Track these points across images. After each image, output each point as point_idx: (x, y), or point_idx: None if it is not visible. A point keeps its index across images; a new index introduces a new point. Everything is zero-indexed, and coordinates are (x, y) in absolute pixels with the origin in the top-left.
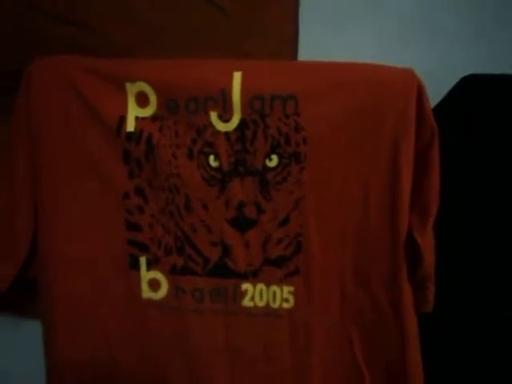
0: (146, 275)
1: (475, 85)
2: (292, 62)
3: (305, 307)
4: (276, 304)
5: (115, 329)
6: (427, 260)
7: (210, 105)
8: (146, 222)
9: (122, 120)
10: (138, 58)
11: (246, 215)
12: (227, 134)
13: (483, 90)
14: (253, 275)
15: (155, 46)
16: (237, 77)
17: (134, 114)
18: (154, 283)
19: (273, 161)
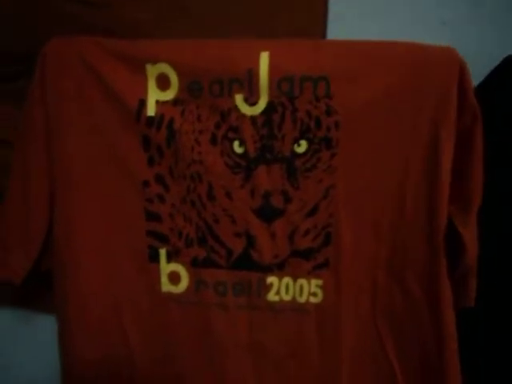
0: (166, 268)
1: None
2: (323, 41)
3: (334, 302)
4: (303, 298)
5: (133, 323)
6: (470, 252)
7: (236, 87)
8: (167, 212)
9: (142, 104)
10: (158, 39)
11: (273, 205)
12: (253, 118)
13: None
14: (278, 268)
15: (174, 26)
16: (264, 57)
17: (155, 98)
18: (174, 276)
19: (302, 146)
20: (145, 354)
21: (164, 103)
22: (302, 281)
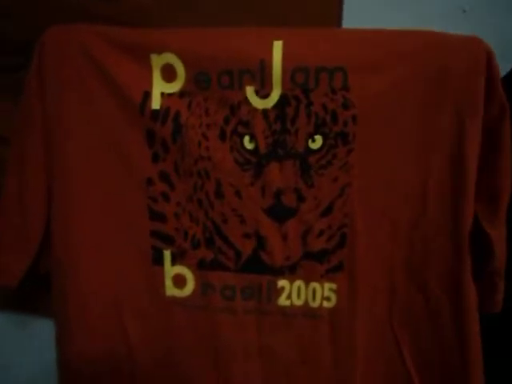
0: (171, 270)
1: None
2: (339, 30)
3: (348, 307)
4: (316, 303)
5: (135, 327)
6: (498, 253)
7: (246, 78)
8: (172, 211)
9: (147, 96)
10: (164, 28)
11: (285, 204)
12: (265, 112)
13: None
14: (290, 271)
15: (180, 14)
16: (277, 46)
17: (160, 90)
18: (179, 279)
19: (316, 142)
20: (147, 360)
21: (170, 95)
22: (315, 284)
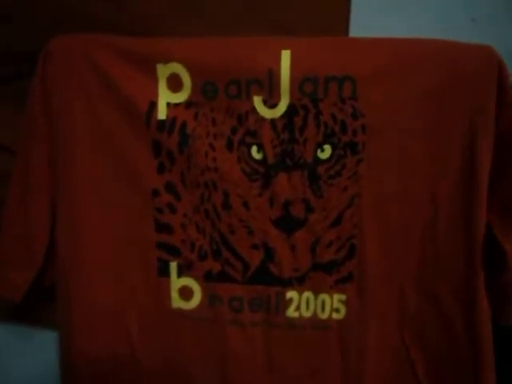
0: (177, 282)
1: None
2: (347, 38)
3: (358, 318)
4: (325, 315)
5: (140, 340)
6: None
7: (254, 88)
8: (178, 223)
9: (152, 106)
10: (170, 37)
11: (293, 214)
12: (273, 122)
13: None
14: (299, 282)
15: (187, 22)
16: (285, 55)
17: (166, 100)
18: (186, 291)
19: (325, 152)
20: (152, 371)
21: (176, 106)
22: (324, 296)
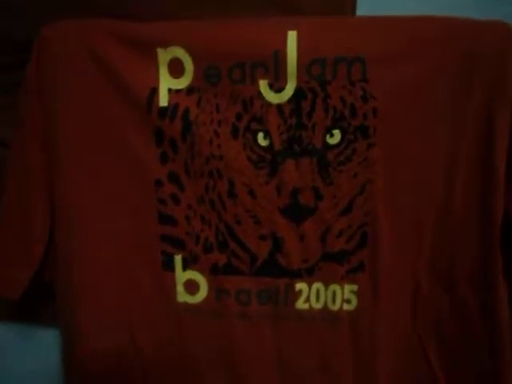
0: (182, 276)
1: None
2: (356, 18)
3: (370, 309)
4: (336, 306)
5: (146, 338)
6: None
7: (259, 71)
8: (182, 214)
9: (153, 93)
10: (169, 20)
11: (302, 203)
12: (279, 107)
13: None
14: (308, 273)
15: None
16: (292, 36)
17: (167, 86)
18: (192, 285)
19: (335, 137)
20: (157, 367)
21: (178, 92)
22: (335, 286)
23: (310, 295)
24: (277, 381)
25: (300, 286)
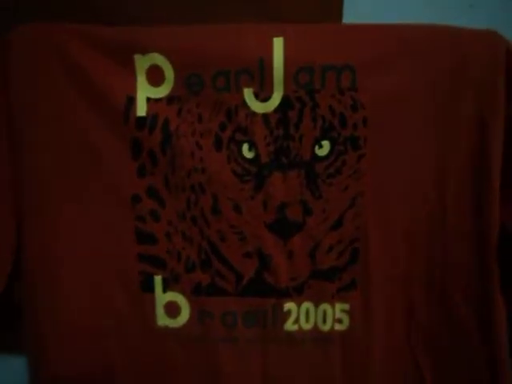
0: (163, 298)
1: None
2: (346, 25)
3: (362, 329)
4: (326, 326)
5: (123, 364)
6: None
7: (244, 79)
8: (162, 231)
9: (130, 102)
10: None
11: (290, 218)
12: (265, 117)
13: None
14: (297, 292)
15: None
16: (278, 43)
17: (146, 95)
18: (173, 307)
19: (324, 148)
20: None
21: (157, 101)
22: (326, 306)
23: (300, 316)
24: None
25: (289, 306)
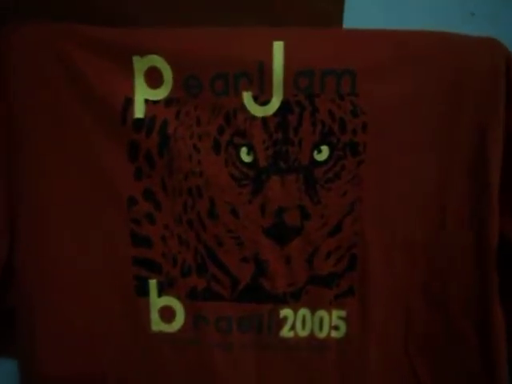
0: (157, 302)
1: None
2: (346, 30)
3: (359, 336)
4: (323, 333)
5: (117, 370)
6: None
7: (243, 83)
8: (158, 235)
9: (128, 104)
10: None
11: (287, 223)
12: (264, 120)
13: None
14: (294, 298)
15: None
16: (278, 47)
17: (144, 96)
18: (167, 312)
19: (323, 153)
20: None
21: (155, 103)
22: (322, 312)
23: (296, 322)
24: None
25: (285, 313)
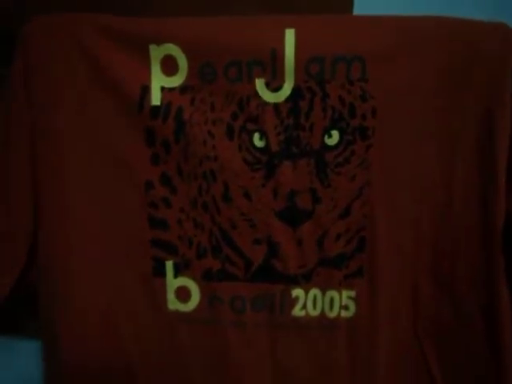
0: (174, 283)
1: None
2: (356, 16)
3: (368, 316)
4: (333, 313)
5: (135, 348)
6: None
7: (256, 70)
8: (174, 218)
9: (145, 91)
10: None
11: (299, 206)
12: (276, 106)
13: None
14: (305, 279)
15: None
16: (289, 35)
17: (160, 84)
18: (183, 292)
19: (333, 138)
20: (148, 378)
21: (171, 90)
22: (333, 292)
23: (307, 302)
24: None
25: (296, 293)
